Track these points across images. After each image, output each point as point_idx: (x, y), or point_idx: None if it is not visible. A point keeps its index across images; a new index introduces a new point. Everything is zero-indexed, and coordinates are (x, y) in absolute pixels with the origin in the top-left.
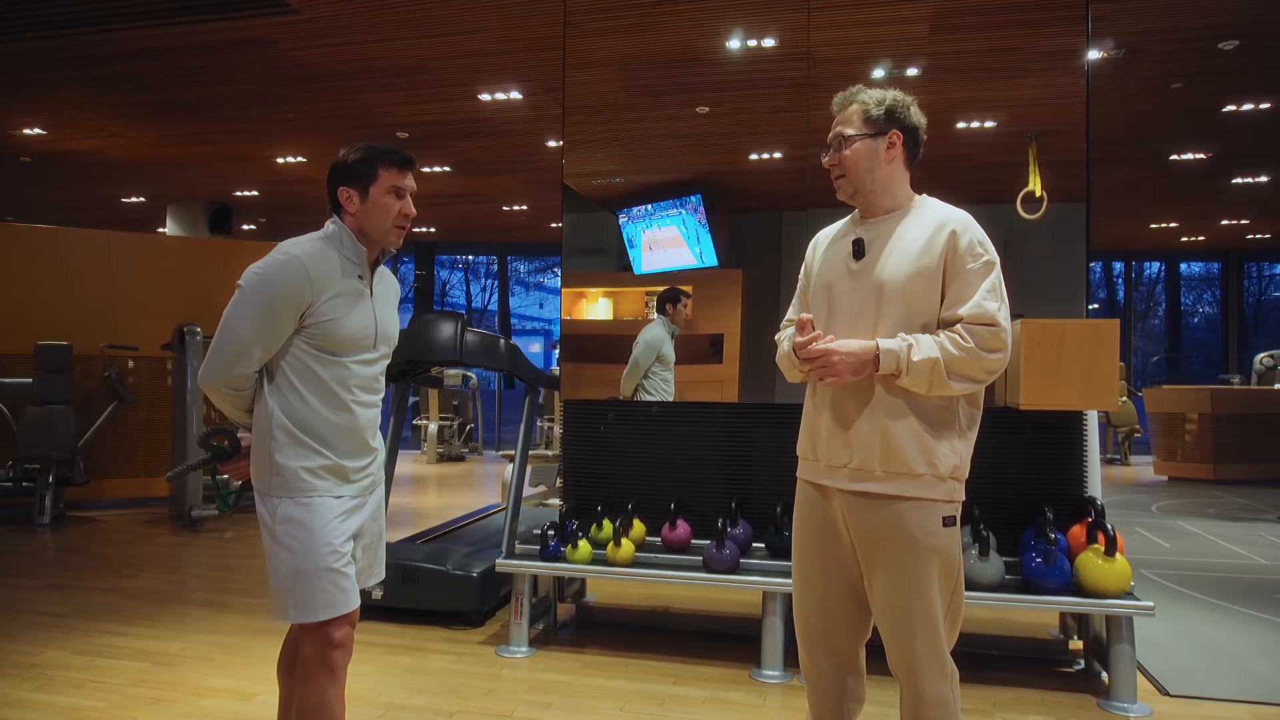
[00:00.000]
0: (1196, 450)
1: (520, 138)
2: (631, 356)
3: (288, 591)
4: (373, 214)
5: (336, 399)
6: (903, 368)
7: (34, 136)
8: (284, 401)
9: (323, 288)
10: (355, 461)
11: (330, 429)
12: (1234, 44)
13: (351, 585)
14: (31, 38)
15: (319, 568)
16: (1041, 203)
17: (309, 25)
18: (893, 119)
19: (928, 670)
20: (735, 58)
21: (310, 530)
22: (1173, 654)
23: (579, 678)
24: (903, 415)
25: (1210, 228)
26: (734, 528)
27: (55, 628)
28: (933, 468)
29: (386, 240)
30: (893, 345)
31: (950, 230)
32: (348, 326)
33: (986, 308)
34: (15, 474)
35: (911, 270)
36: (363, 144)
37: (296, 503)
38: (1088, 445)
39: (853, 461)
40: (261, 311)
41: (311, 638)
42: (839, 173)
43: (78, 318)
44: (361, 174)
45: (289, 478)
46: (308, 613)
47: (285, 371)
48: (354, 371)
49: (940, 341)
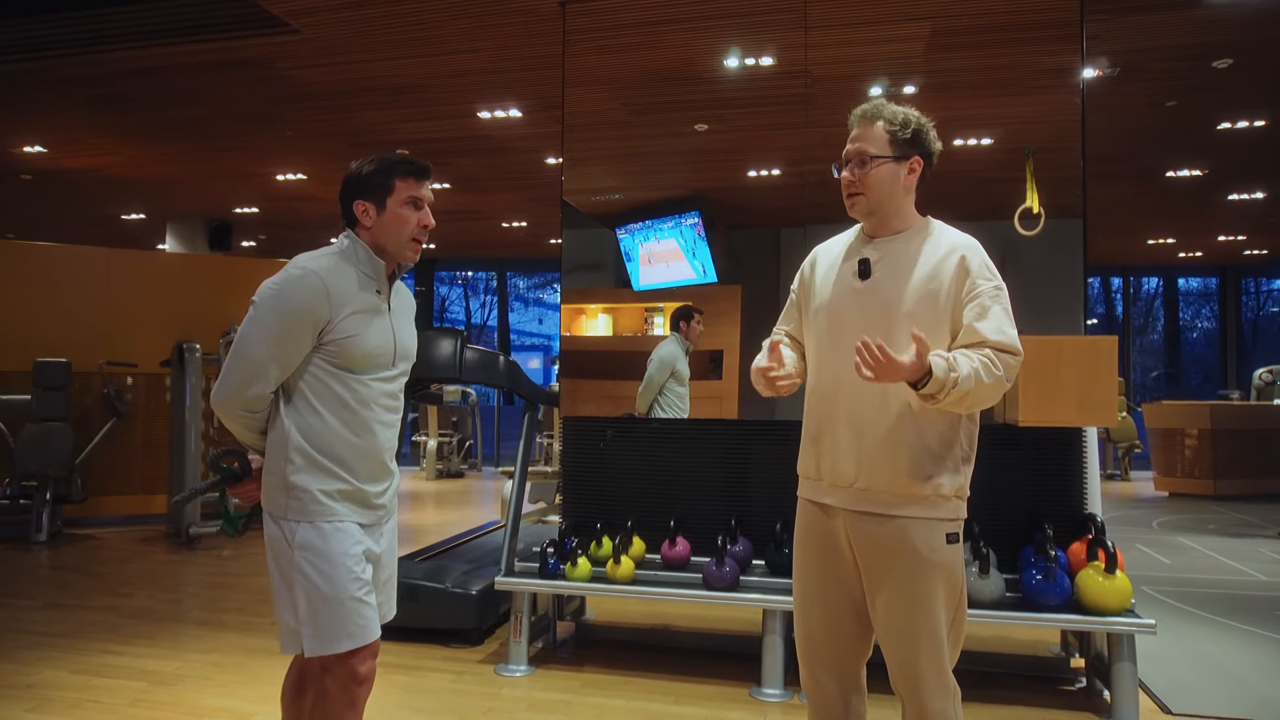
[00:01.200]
0: (1196, 466)
1: (519, 155)
2: (646, 374)
3: (306, 621)
4: (389, 227)
5: (357, 418)
6: (946, 390)
7: (34, 154)
8: (302, 422)
9: (341, 303)
10: (374, 486)
11: (350, 450)
12: (1228, 62)
13: (374, 614)
14: (30, 58)
15: (343, 596)
16: (1039, 219)
17: (308, 44)
18: (918, 144)
19: (931, 687)
20: (733, 76)
21: (331, 557)
22: (1174, 671)
23: (578, 696)
24: (909, 435)
25: (1207, 243)
26: (734, 545)
27: (52, 647)
28: (938, 488)
29: (403, 254)
30: (940, 371)
31: (960, 255)
32: (367, 343)
33: (1009, 334)
34: (13, 491)
35: (920, 293)
36: (376, 155)
37: (316, 527)
38: (1087, 461)
39: (858, 481)
40: (278, 329)
41: (335, 671)
42: (857, 190)
43: (77, 334)
44: (377, 186)
45: (306, 501)
46: (329, 643)
47: (303, 391)
48: (374, 389)
49: (975, 368)
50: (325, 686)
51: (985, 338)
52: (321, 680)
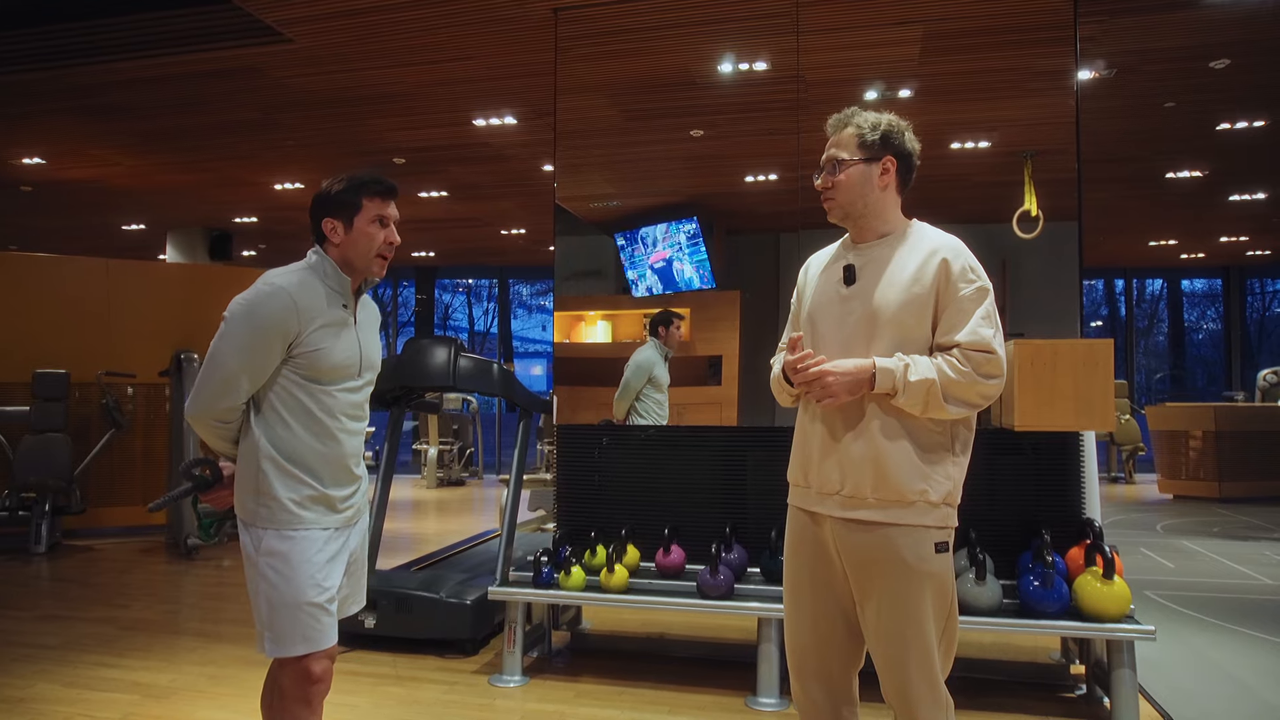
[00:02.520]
0: (1200, 468)
1: (516, 162)
2: (623, 379)
3: (266, 624)
4: (358, 243)
5: (323, 427)
6: (899, 387)
7: (34, 166)
8: (270, 432)
9: (310, 318)
10: (340, 490)
11: (316, 458)
12: (1225, 63)
13: (331, 621)
14: (28, 69)
15: (299, 602)
16: (1038, 222)
17: (302, 53)
18: (888, 145)
19: (922, 699)
20: (727, 81)
21: (292, 564)
22: (1177, 678)
23: (572, 707)
24: (896, 440)
25: (1210, 244)
26: (728, 553)
27: (46, 660)
28: (925, 494)
29: (370, 270)
30: (889, 364)
31: (941, 258)
32: (333, 356)
33: (982, 334)
34: (11, 503)
35: (903, 297)
36: (345, 175)
37: (281, 535)
38: (1085, 466)
39: (844, 488)
40: (249, 343)
41: (290, 671)
42: (829, 196)
43: (76, 345)
44: (346, 204)
45: (275, 509)
46: (285, 646)
47: (272, 402)
48: (340, 399)
49: (938, 364)
50: (282, 685)
51: (956, 340)
52: (279, 678)
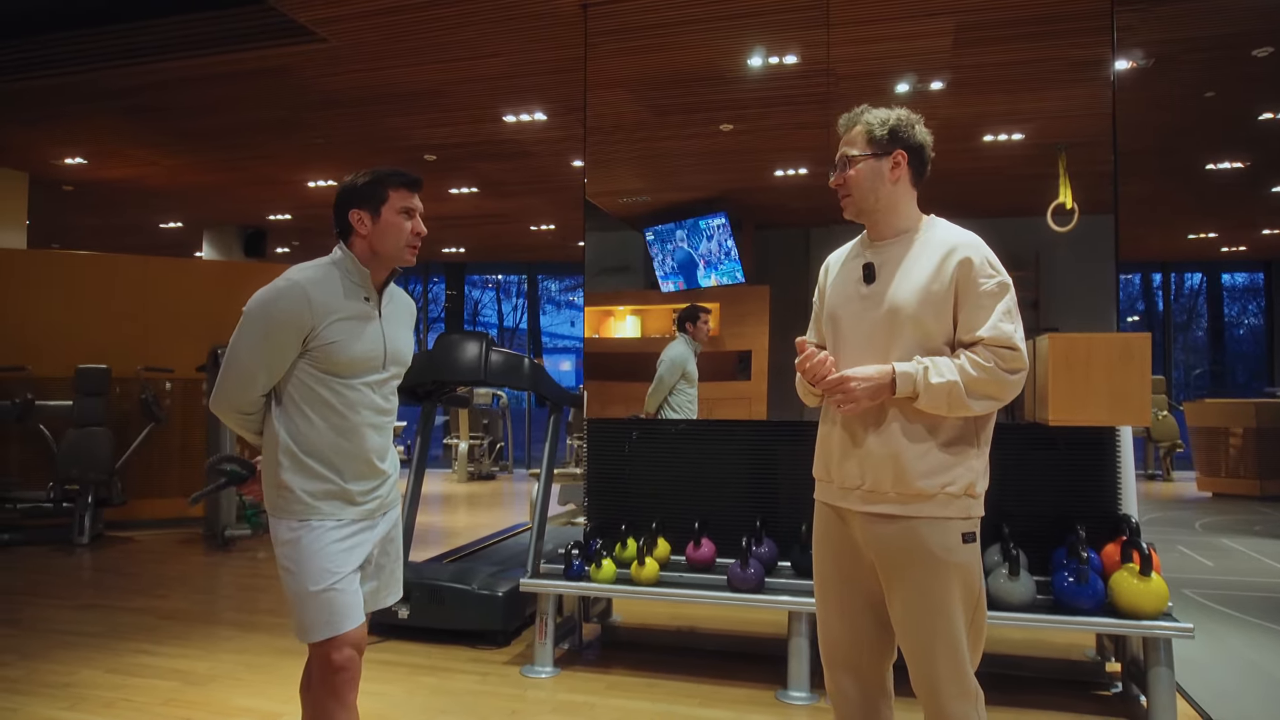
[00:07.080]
0: (1240, 465)
1: (545, 158)
2: (656, 375)
3: (290, 612)
4: (386, 234)
5: (344, 421)
6: (919, 390)
7: (75, 166)
8: (290, 424)
9: (325, 312)
10: (361, 485)
11: (335, 452)
12: (1268, 50)
13: (347, 606)
14: (67, 72)
15: (312, 589)
16: (1073, 215)
17: (335, 52)
18: (896, 138)
19: (950, 690)
20: (756, 75)
21: (303, 552)
22: (1216, 677)
23: (603, 699)
24: (914, 434)
25: (1251, 237)
26: (759, 546)
27: (89, 647)
28: (946, 487)
29: (400, 259)
30: (908, 369)
31: (961, 255)
32: (352, 349)
33: (1004, 330)
34: (56, 495)
35: (923, 296)
36: (369, 169)
37: (294, 524)
38: (1121, 461)
39: (865, 483)
40: (262, 337)
41: (315, 659)
42: (844, 192)
43: (116, 341)
44: (372, 196)
45: (290, 500)
46: (307, 633)
47: (291, 395)
48: (363, 393)
49: (960, 363)
50: (313, 674)
51: (979, 336)
52: (311, 666)
